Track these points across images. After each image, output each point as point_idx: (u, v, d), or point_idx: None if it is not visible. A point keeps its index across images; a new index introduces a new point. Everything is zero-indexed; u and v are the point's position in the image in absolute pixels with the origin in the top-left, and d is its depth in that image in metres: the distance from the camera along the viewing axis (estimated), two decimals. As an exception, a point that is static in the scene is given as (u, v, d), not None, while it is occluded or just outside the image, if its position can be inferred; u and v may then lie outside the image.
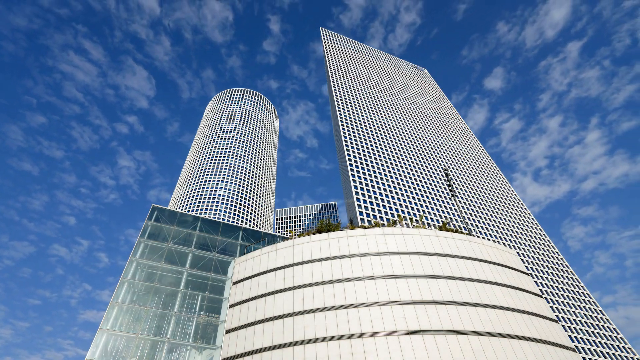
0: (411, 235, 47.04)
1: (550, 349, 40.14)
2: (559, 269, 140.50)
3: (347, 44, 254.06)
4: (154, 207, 53.43)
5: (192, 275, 49.63)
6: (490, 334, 38.08)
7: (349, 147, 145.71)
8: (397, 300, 39.11)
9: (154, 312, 45.66)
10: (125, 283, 45.14)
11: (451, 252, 46.18)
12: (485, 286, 43.31)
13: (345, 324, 37.45)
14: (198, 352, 43.65)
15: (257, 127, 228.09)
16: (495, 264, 47.61)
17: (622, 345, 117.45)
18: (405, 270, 42.46)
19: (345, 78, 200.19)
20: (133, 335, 41.39)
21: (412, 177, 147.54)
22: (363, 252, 44.29)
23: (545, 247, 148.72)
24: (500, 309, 41.35)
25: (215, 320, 46.80)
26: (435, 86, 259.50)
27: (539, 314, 44.39)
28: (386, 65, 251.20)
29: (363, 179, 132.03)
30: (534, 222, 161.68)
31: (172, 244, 51.30)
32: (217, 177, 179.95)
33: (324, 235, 47.06)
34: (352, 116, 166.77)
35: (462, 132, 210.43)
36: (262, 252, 48.87)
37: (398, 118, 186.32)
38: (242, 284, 47.13)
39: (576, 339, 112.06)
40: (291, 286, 42.67)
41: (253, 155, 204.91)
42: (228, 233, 56.16)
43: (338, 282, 41.35)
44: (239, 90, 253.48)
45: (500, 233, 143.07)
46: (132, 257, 47.11)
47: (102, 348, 38.67)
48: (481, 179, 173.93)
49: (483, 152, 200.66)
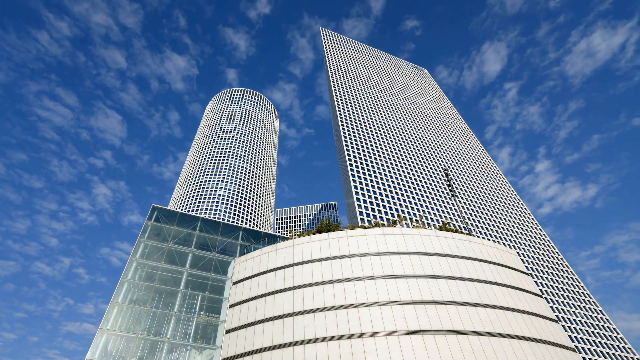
0: (411, 235, 47.03)
1: (550, 349, 40.13)
2: (559, 269, 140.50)
3: (347, 44, 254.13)
4: (154, 207, 53.30)
5: (192, 275, 49.61)
6: (490, 334, 38.08)
7: (349, 147, 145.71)
8: (397, 300, 39.11)
9: (154, 312, 45.64)
10: (125, 283, 45.12)
11: (451, 252, 46.16)
12: (485, 286, 43.30)
13: (345, 324, 37.45)
14: (198, 352, 43.64)
15: (257, 127, 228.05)
16: (495, 264, 47.60)
17: (622, 345, 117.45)
18: (405, 270, 42.45)
19: (345, 78, 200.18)
20: (133, 335, 41.38)
21: (412, 177, 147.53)
22: (363, 252, 44.27)
23: (545, 247, 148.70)
24: (500, 309, 41.34)
25: (215, 320, 46.78)
26: (435, 86, 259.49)
27: (539, 314, 44.39)
28: (386, 65, 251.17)
29: (363, 179, 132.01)
30: (534, 222, 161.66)
31: (172, 244, 51.28)
32: (217, 177, 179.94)
33: (324, 235, 47.05)
34: (352, 116, 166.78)
35: (462, 132, 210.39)
36: (262, 252, 48.86)
37: (398, 118, 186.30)
38: (242, 284, 47.12)
39: (576, 339, 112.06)
40: (291, 286, 42.66)
41: (253, 155, 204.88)
42: (228, 233, 56.14)
43: (338, 282, 41.35)
44: (239, 90, 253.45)
45: (500, 233, 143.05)
46: (132, 257, 47.07)
47: (102, 348, 38.67)
48: (481, 179, 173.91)
49: (483, 152, 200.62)
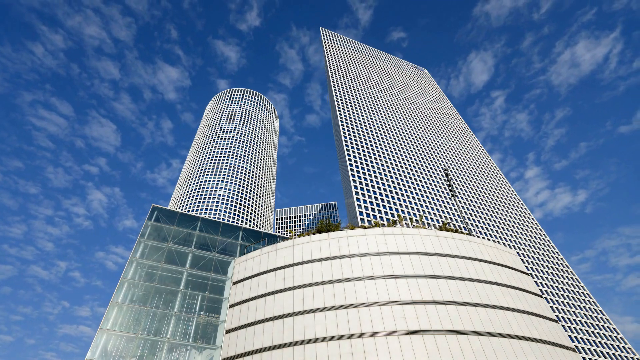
0: (411, 235, 47.03)
1: (550, 349, 40.13)
2: (559, 269, 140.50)
3: (347, 44, 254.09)
4: (154, 207, 53.28)
5: (192, 275, 49.60)
6: (490, 334, 38.08)
7: (349, 147, 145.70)
8: (397, 300, 39.10)
9: (154, 312, 45.63)
10: (125, 283, 45.11)
11: (451, 252, 46.16)
12: (485, 286, 43.30)
13: (345, 324, 37.45)
14: (198, 352, 43.63)
15: (257, 127, 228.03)
16: (496, 264, 47.60)
17: (622, 345, 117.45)
18: (405, 270, 42.45)
19: (345, 78, 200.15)
20: (133, 335, 41.38)
21: (412, 177, 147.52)
22: (363, 252, 44.27)
23: (545, 247, 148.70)
24: (500, 309, 41.34)
25: (215, 320, 46.78)
26: (435, 86, 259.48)
27: (539, 314, 44.38)
28: (386, 65, 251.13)
29: (363, 179, 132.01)
30: (534, 222, 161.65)
31: (172, 244, 51.27)
32: (217, 177, 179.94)
33: (324, 235, 47.05)
34: (352, 116, 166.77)
35: (462, 132, 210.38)
36: (262, 252, 48.85)
37: (398, 118, 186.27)
38: (242, 284, 47.12)
39: (576, 339, 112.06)
40: (291, 286, 42.66)
41: (253, 155, 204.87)
42: (228, 233, 56.12)
43: (338, 282, 41.35)
44: (239, 90, 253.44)
45: (500, 233, 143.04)
46: (132, 257, 47.06)
47: (102, 348, 38.67)
48: (481, 179, 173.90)
49: (483, 152, 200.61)
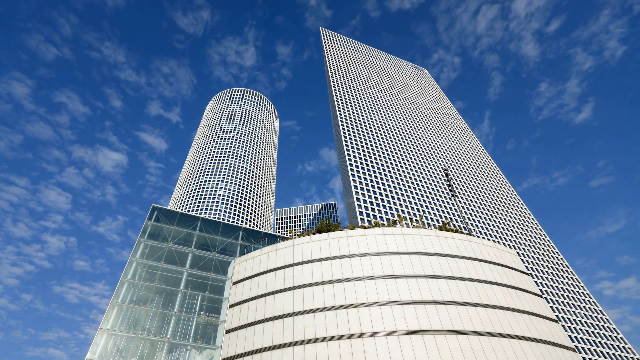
0: (411, 235, 47.03)
1: (550, 349, 40.14)
2: (559, 269, 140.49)
3: (347, 44, 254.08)
4: (154, 207, 53.30)
5: (192, 275, 49.60)
6: (490, 334, 38.08)
7: (349, 147, 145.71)
8: (397, 300, 39.11)
9: (154, 312, 45.67)
10: (125, 283, 45.13)
11: (451, 252, 46.16)
12: (485, 286, 43.30)
13: (345, 324, 37.45)
14: (198, 352, 43.64)
15: (257, 127, 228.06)
16: (495, 264, 47.60)
17: (622, 345, 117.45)
18: (405, 270, 42.45)
19: (345, 78, 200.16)
20: (133, 335, 41.39)
21: (412, 177, 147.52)
22: (363, 252, 44.27)
23: (545, 247, 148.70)
24: (500, 309, 41.34)
25: (215, 320, 46.79)
26: (435, 86, 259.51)
27: (539, 314, 44.39)
28: (386, 65, 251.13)
29: (363, 179, 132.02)
30: (534, 222, 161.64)
31: (172, 244, 51.27)
32: (217, 177, 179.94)
33: (324, 235, 47.05)
34: (352, 116, 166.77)
35: (462, 132, 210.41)
36: (262, 252, 48.86)
37: (398, 118, 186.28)
38: (242, 284, 47.13)
39: (576, 339, 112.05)
40: (291, 286, 42.66)
41: (253, 155, 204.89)
42: (228, 233, 56.13)
43: (338, 282, 41.35)
44: (239, 90, 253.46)
45: (500, 233, 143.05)
46: (132, 257, 47.07)
47: (102, 348, 38.69)
48: (481, 179, 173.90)
49: (483, 152, 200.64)
